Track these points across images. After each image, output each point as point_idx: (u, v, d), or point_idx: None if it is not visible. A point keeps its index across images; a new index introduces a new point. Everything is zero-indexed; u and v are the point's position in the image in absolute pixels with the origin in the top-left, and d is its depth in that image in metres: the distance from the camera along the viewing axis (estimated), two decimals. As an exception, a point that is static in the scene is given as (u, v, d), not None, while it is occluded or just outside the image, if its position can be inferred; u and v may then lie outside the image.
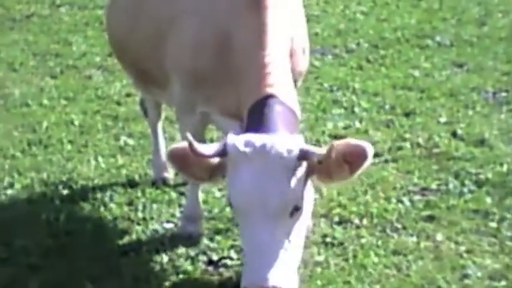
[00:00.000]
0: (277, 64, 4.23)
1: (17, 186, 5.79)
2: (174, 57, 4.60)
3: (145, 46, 4.87)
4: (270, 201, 3.84)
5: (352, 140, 4.00)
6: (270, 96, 4.10)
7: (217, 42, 4.40)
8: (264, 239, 3.83)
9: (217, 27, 4.42)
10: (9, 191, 5.72)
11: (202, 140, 4.74)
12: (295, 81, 4.69)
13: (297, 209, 3.89)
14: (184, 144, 3.93)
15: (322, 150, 3.88)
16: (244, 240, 3.97)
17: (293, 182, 3.87)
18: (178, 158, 4.04)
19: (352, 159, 3.91)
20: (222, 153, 3.93)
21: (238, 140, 3.92)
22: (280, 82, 4.18)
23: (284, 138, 3.94)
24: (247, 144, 3.90)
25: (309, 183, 4.02)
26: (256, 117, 4.07)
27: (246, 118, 4.16)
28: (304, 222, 4.00)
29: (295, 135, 4.01)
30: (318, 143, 6.32)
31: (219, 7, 4.47)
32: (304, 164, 3.93)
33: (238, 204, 3.93)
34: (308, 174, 3.96)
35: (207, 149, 3.96)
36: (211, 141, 5.59)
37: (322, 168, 3.94)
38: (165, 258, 4.79)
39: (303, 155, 3.88)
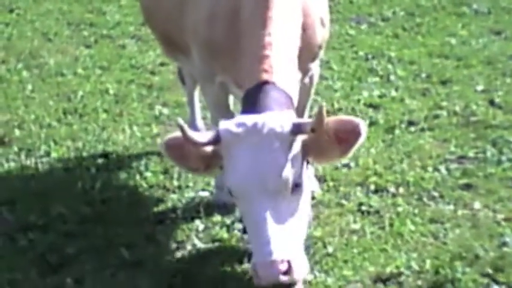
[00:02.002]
0: (278, 45, 4.18)
1: (53, 154, 5.82)
2: (192, 29, 4.60)
3: (168, 17, 4.88)
4: (269, 178, 3.84)
5: (344, 117, 3.98)
6: (266, 82, 4.07)
7: (229, 15, 4.36)
8: (268, 216, 3.82)
9: (229, 0, 4.38)
10: (46, 160, 5.76)
11: (226, 108, 4.74)
12: (314, 55, 4.66)
13: (297, 185, 3.88)
14: (179, 134, 3.92)
15: (314, 124, 3.83)
16: (247, 222, 3.97)
17: (290, 156, 3.85)
18: (174, 149, 4.04)
19: (345, 136, 3.87)
20: (216, 139, 3.93)
21: (230, 124, 3.92)
22: (279, 66, 4.13)
23: (275, 115, 3.92)
24: (239, 125, 3.91)
25: (305, 170, 3.98)
26: (251, 103, 4.06)
27: (242, 102, 4.15)
28: (305, 201, 3.98)
29: (287, 111, 3.98)
30: (353, 112, 6.29)
31: None
32: (299, 139, 3.91)
33: (239, 186, 3.91)
34: (304, 155, 3.94)
35: (200, 136, 3.98)
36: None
37: (316, 147, 3.92)
38: (200, 226, 4.78)
39: (296, 129, 3.87)
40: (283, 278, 3.73)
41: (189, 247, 4.59)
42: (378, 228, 4.70)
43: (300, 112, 4.92)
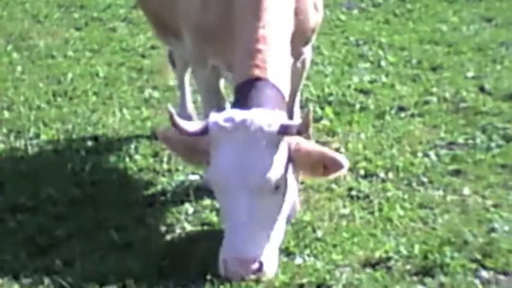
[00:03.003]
0: (271, 37, 4.19)
1: (43, 137, 5.80)
2: (184, 13, 4.59)
3: (161, 0, 4.87)
4: (252, 175, 3.90)
5: (329, 153, 4.07)
6: (258, 78, 4.09)
7: (222, 1, 4.35)
8: (245, 213, 3.91)
9: None
10: (35, 142, 5.74)
11: (217, 92, 4.74)
12: (307, 39, 4.66)
13: (278, 187, 3.96)
14: (173, 112, 4.00)
15: (299, 122, 3.93)
16: (225, 215, 4.06)
17: (274, 156, 3.92)
18: (169, 140, 4.13)
19: (329, 164, 4.01)
20: (204, 131, 3.98)
21: (219, 117, 3.96)
22: (272, 60, 4.14)
23: (265, 113, 3.96)
24: (227, 119, 3.96)
25: (291, 171, 4.07)
26: (242, 98, 4.08)
27: (233, 95, 4.17)
28: (287, 204, 4.07)
29: (277, 111, 4.01)
30: (344, 97, 6.29)
31: None
32: (286, 141, 3.96)
33: (221, 179, 3.98)
34: (288, 160, 4.01)
35: (190, 126, 4.03)
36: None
37: (300, 160, 4.01)
38: (190, 209, 4.78)
39: (284, 129, 3.93)
40: (252, 277, 3.90)
41: (178, 230, 4.59)
42: (367, 213, 4.71)
43: (291, 96, 4.93)
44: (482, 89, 6.43)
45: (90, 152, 5.59)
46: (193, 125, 4.07)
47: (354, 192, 4.95)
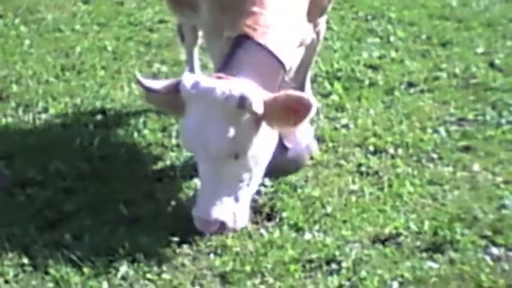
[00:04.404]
0: (271, 3, 4.16)
1: (51, 111, 5.79)
2: None
3: None
4: (209, 145, 4.00)
5: (294, 93, 4.07)
6: (247, 37, 4.08)
7: None
8: (207, 177, 4.09)
9: None
10: (44, 116, 5.72)
11: None
12: (323, 8, 4.63)
13: (241, 154, 4.04)
14: (138, 77, 4.15)
15: (260, 104, 3.95)
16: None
17: (233, 128, 3.96)
18: (148, 93, 4.19)
19: (296, 109, 4.00)
20: (174, 89, 4.06)
21: (188, 80, 4.03)
22: (266, 24, 4.13)
23: (231, 84, 3.97)
24: (194, 85, 4.02)
25: (264, 131, 4.10)
26: (228, 55, 4.12)
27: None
28: (257, 162, 4.14)
29: (248, 81, 4.01)
30: (353, 73, 6.26)
31: None
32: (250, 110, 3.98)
33: (186, 141, 4.20)
34: (259, 119, 4.03)
35: (158, 84, 4.11)
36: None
37: (269, 116, 4.02)
38: (198, 183, 4.76)
39: (242, 103, 3.93)
40: (217, 231, 4.12)
41: (187, 205, 4.57)
42: (377, 189, 4.69)
43: (303, 70, 4.92)
44: (492, 65, 6.38)
45: (99, 126, 5.58)
46: (161, 83, 4.15)
47: (363, 168, 4.93)
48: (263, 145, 4.14)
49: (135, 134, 5.44)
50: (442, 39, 6.97)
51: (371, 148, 5.16)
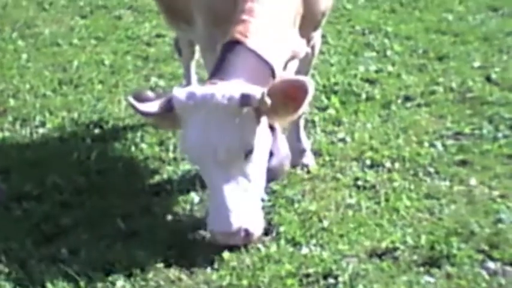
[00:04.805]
0: (260, 12, 4.21)
1: (49, 125, 5.80)
2: None
3: None
4: (219, 151, 3.97)
5: (290, 76, 4.12)
6: (238, 42, 4.11)
7: None
8: (223, 185, 4.01)
9: None
10: (41, 130, 5.73)
11: None
12: (317, 22, 4.65)
13: (250, 152, 4.02)
14: (132, 101, 4.09)
15: (262, 97, 3.94)
16: (207, 187, 4.16)
17: (238, 128, 3.97)
18: (137, 109, 4.12)
19: (294, 94, 3.99)
20: (168, 108, 4.04)
21: (182, 93, 4.03)
22: (256, 31, 4.16)
23: (226, 86, 3.99)
24: (189, 96, 4.02)
25: (264, 122, 4.11)
26: (219, 61, 4.14)
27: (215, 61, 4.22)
28: (261, 159, 4.14)
29: (239, 80, 4.02)
30: (350, 86, 6.27)
31: None
32: (250, 108, 3.99)
33: (191, 155, 4.13)
34: (258, 114, 4.04)
35: (152, 106, 4.06)
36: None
37: (269, 108, 3.99)
38: (196, 198, 4.77)
39: (245, 101, 3.95)
40: (242, 243, 4.06)
41: (184, 219, 4.58)
42: (374, 203, 4.69)
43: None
44: (488, 79, 6.40)
45: (96, 140, 5.59)
46: (155, 105, 4.09)
47: (360, 182, 4.93)
48: (263, 142, 4.16)
49: (133, 148, 5.45)
50: (439, 53, 7.00)
51: (368, 162, 5.17)
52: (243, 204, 4.05)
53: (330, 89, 6.25)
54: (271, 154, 4.45)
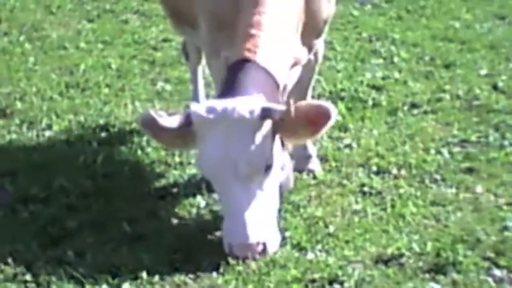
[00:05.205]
0: (267, 24, 4.21)
1: (55, 128, 5.81)
2: (200, 1, 4.63)
3: None
4: (240, 164, 3.97)
5: (315, 101, 4.09)
6: (248, 60, 4.11)
7: None
8: (242, 199, 4.02)
9: None
10: (47, 133, 5.74)
11: None
12: (319, 30, 4.66)
13: (268, 167, 4.03)
14: (152, 113, 4.07)
15: (283, 108, 3.95)
16: (222, 203, 4.16)
17: (259, 141, 3.97)
18: (150, 126, 4.14)
19: (316, 119, 4.01)
20: (187, 123, 4.03)
21: (201, 108, 4.01)
22: (267, 46, 4.16)
23: (245, 100, 3.99)
24: (209, 110, 4.00)
25: (277, 138, 4.11)
26: (231, 81, 4.12)
27: (223, 77, 4.22)
28: (276, 175, 4.14)
29: (257, 95, 4.03)
30: (356, 93, 6.28)
31: None
32: (269, 122, 4.00)
33: (210, 170, 4.08)
34: (274, 131, 4.05)
35: (171, 121, 4.06)
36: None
37: (287, 127, 4.02)
38: (202, 202, 4.77)
39: (266, 114, 3.96)
40: (259, 257, 4.03)
41: (190, 223, 4.58)
42: (380, 210, 4.70)
43: (303, 90, 4.94)
44: (495, 87, 6.40)
45: (102, 143, 5.59)
46: (174, 119, 4.09)
47: (366, 189, 4.93)
48: (278, 158, 4.16)
49: (139, 152, 5.45)
50: (446, 60, 7.00)
51: (374, 168, 5.17)
52: (261, 217, 4.05)
53: (337, 96, 6.25)
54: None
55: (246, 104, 3.98)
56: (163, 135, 4.17)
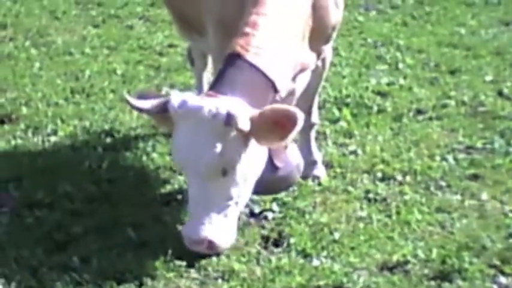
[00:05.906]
0: (265, 26, 4.21)
1: (60, 133, 5.81)
2: (207, 7, 4.64)
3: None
4: (198, 162, 4.03)
5: (280, 105, 4.08)
6: (238, 55, 4.12)
7: None
8: (196, 195, 4.10)
9: None
10: (53, 138, 5.74)
11: None
12: (327, 36, 4.65)
13: (228, 170, 4.05)
14: (127, 97, 4.19)
15: (246, 121, 3.98)
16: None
17: (219, 145, 4.00)
18: (138, 107, 4.21)
19: (283, 123, 4.00)
20: (163, 109, 4.09)
21: (177, 99, 4.07)
22: (258, 45, 4.17)
23: (218, 103, 4.01)
24: (181, 104, 4.06)
25: (251, 148, 4.12)
26: (220, 74, 4.17)
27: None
28: (247, 178, 4.15)
29: (236, 99, 4.05)
30: (361, 99, 6.27)
31: None
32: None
33: (177, 160, 4.23)
34: (247, 136, 4.06)
35: (147, 104, 4.12)
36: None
37: (256, 131, 4.04)
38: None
39: (229, 121, 3.97)
40: (206, 251, 4.14)
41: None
42: (385, 216, 4.69)
43: (309, 96, 4.94)
44: (500, 93, 6.40)
45: (107, 149, 5.59)
46: (150, 103, 4.14)
47: (371, 195, 4.93)
48: (252, 162, 4.17)
49: (144, 158, 5.45)
50: (451, 66, 7.00)
51: (379, 175, 5.16)
52: (214, 217, 4.09)
53: (342, 101, 6.25)
54: (275, 167, 4.45)
55: (215, 106, 4.00)
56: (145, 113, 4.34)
